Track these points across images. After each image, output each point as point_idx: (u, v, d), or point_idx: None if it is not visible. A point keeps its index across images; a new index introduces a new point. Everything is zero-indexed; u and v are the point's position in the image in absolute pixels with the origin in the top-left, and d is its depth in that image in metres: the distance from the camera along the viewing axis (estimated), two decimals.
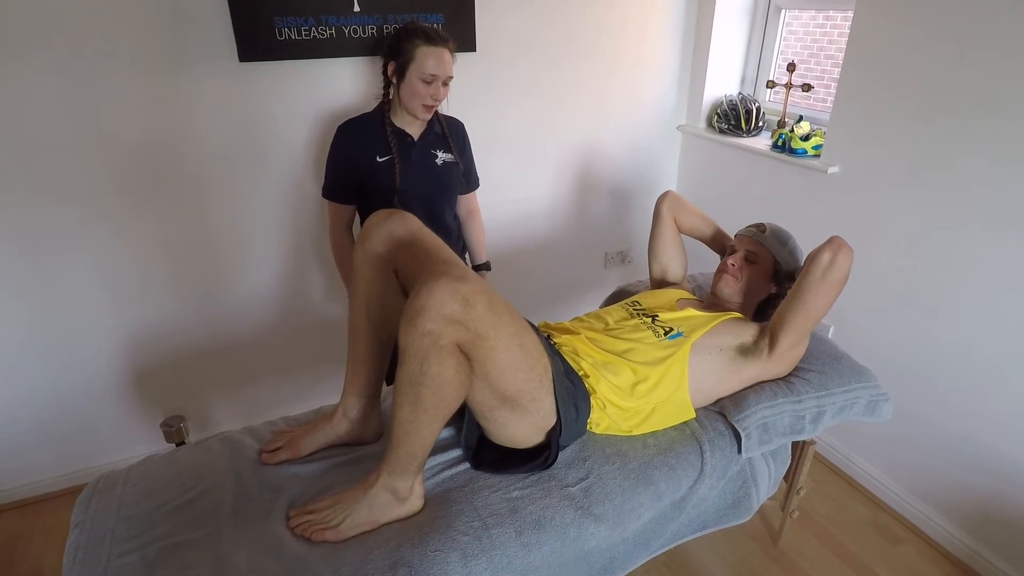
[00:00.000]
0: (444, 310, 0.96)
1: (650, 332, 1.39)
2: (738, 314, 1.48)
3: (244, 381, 2.17)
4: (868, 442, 2.03)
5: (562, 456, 1.27)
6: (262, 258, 2.02)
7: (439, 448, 1.30)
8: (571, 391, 1.25)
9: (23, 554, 1.80)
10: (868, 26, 1.75)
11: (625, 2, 2.19)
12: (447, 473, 1.25)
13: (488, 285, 1.07)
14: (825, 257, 1.27)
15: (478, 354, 1.04)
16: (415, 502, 1.16)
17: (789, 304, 1.33)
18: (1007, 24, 1.45)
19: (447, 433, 1.34)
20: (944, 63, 1.59)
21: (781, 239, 1.55)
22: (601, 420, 1.32)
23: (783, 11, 2.25)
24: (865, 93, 1.80)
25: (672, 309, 1.49)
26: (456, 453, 1.30)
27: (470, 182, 1.83)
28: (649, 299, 1.57)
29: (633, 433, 1.35)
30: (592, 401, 1.29)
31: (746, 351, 1.38)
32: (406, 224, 1.21)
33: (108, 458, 2.03)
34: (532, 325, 1.40)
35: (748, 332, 1.41)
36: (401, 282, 1.24)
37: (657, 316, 1.45)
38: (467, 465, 1.26)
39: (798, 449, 1.65)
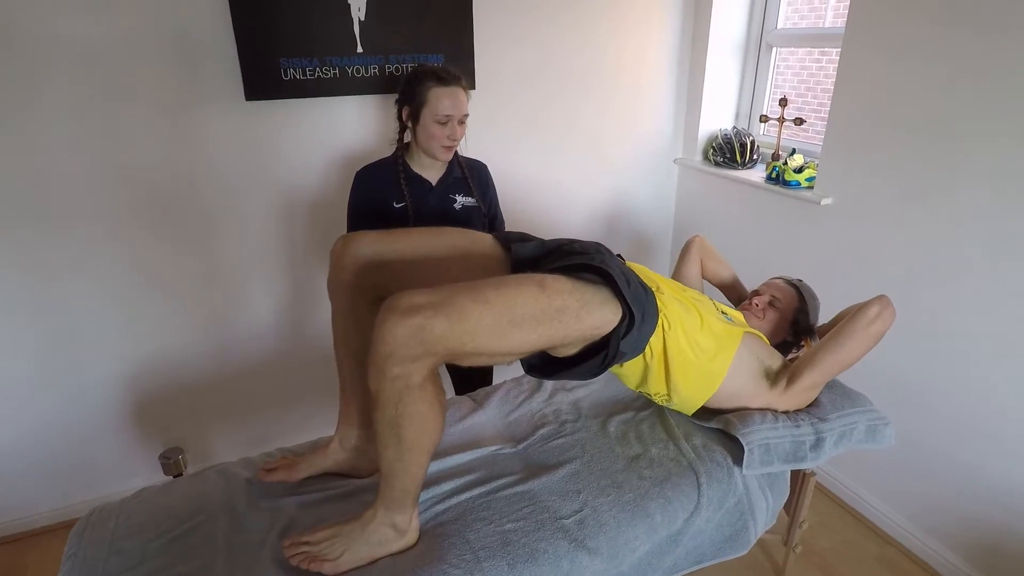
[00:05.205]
0: (405, 351, 0.94)
1: (712, 304, 1.43)
2: (768, 341, 1.51)
3: (245, 413, 2.17)
4: (873, 474, 2.00)
5: (556, 488, 1.27)
6: (264, 291, 2.05)
7: (432, 482, 1.29)
8: (642, 296, 1.19)
9: None
10: (857, 60, 1.80)
11: (620, 40, 2.26)
12: (440, 507, 1.24)
13: (446, 293, 0.99)
14: (874, 309, 1.31)
15: (467, 358, 1.02)
16: (412, 535, 1.15)
17: (824, 345, 1.36)
18: (994, 53, 1.49)
19: (439, 467, 1.34)
20: (932, 94, 1.63)
21: (812, 294, 1.61)
22: (656, 347, 1.25)
23: (774, 48, 2.32)
24: (855, 125, 1.83)
25: (723, 304, 1.53)
26: (450, 486, 1.29)
27: (494, 225, 1.81)
28: None
29: (664, 384, 1.32)
30: (660, 318, 1.24)
31: (769, 375, 1.41)
32: (368, 244, 1.21)
33: (107, 491, 2.03)
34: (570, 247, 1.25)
35: (776, 359, 1.44)
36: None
37: (713, 300, 1.49)
38: (460, 498, 1.25)
39: (799, 481, 1.63)
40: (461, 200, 1.70)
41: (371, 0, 1.80)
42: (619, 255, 1.34)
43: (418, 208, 1.64)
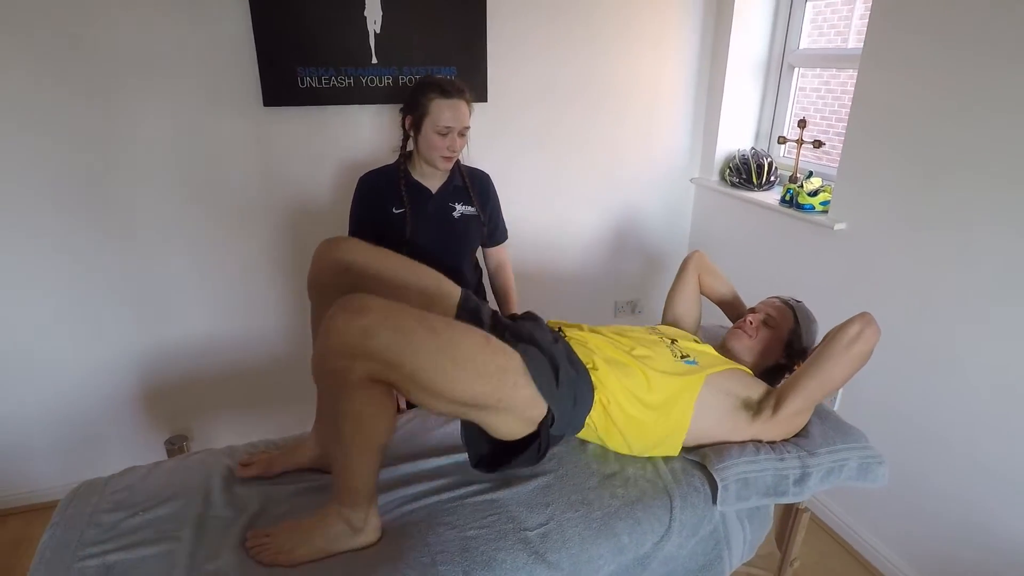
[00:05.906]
0: (346, 347, 0.96)
1: (668, 351, 1.40)
2: (749, 371, 1.46)
3: (250, 406, 2.24)
4: (875, 514, 1.90)
5: (524, 499, 1.25)
6: (275, 290, 2.12)
7: (403, 483, 1.30)
8: (572, 379, 1.20)
9: (25, 558, 1.88)
10: (873, 83, 1.75)
11: (636, 57, 2.26)
12: (408, 507, 1.25)
13: (397, 309, 1.01)
14: (854, 328, 1.26)
15: (402, 380, 1.02)
16: (371, 534, 1.16)
17: (806, 369, 1.32)
18: (1015, 84, 1.43)
19: (412, 469, 1.35)
20: (949, 121, 1.57)
21: (808, 316, 1.56)
22: (599, 422, 1.26)
23: (796, 69, 2.27)
24: (870, 151, 1.78)
25: (690, 340, 1.50)
26: (421, 488, 1.30)
27: (495, 235, 1.82)
28: (669, 329, 1.59)
29: (626, 446, 1.31)
30: (596, 396, 1.24)
31: (750, 406, 1.36)
32: (350, 251, 1.24)
33: (113, 470, 2.11)
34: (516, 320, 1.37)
35: (757, 389, 1.39)
36: None
37: (676, 341, 1.46)
38: (428, 501, 1.26)
39: (791, 516, 1.56)
40: (460, 209, 1.71)
41: (387, 13, 1.87)
42: (559, 329, 1.38)
43: (416, 215, 1.65)
